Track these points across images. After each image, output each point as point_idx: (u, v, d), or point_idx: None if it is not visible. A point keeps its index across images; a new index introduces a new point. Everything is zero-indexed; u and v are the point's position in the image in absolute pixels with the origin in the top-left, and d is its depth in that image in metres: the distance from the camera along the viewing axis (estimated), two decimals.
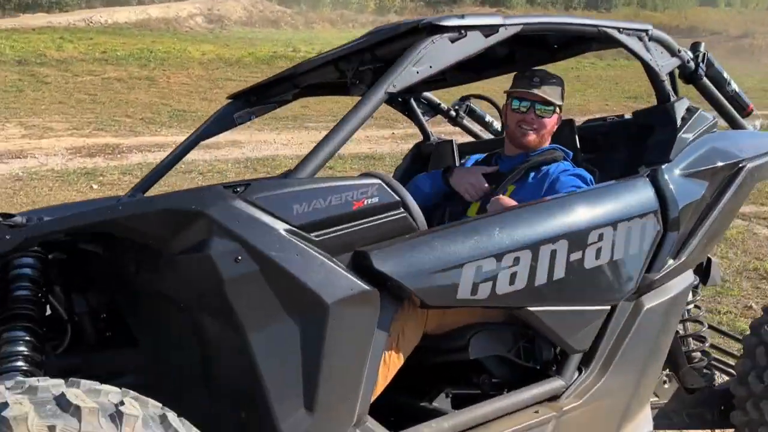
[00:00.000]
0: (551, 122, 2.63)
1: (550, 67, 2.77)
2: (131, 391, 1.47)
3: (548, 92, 2.56)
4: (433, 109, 3.59)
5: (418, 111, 3.50)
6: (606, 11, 42.98)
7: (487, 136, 3.70)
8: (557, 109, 2.62)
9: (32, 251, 1.85)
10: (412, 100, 3.49)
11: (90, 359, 1.90)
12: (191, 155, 9.85)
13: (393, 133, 12.17)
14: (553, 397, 2.15)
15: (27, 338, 1.71)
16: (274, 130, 12.20)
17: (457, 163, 3.18)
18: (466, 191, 2.62)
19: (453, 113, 3.60)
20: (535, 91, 2.54)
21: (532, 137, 2.61)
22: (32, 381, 1.39)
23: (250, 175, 9.41)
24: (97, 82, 17.54)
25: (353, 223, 1.79)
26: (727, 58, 31.99)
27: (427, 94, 3.53)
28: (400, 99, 3.48)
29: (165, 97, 16.05)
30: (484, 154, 2.97)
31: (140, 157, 10.44)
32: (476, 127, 3.75)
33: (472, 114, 3.65)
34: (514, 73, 2.78)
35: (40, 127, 12.41)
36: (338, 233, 1.77)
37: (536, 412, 2.11)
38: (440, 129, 4.27)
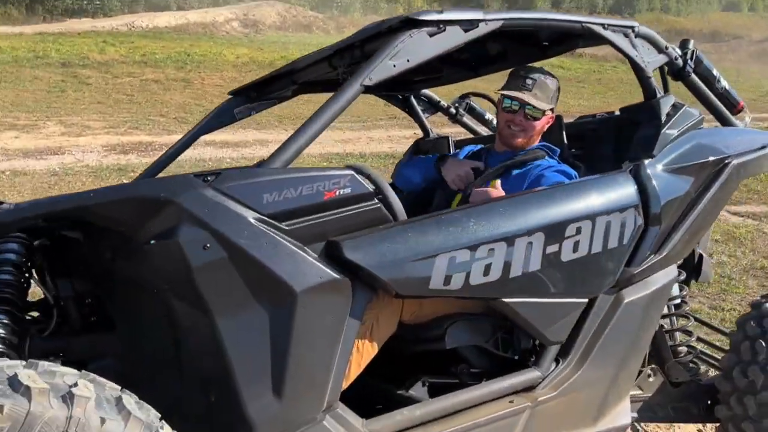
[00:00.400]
0: (540, 124, 2.57)
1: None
2: (90, 374, 1.47)
3: (538, 96, 2.50)
4: (433, 106, 3.57)
5: (418, 108, 3.49)
6: (630, 16, 42.27)
7: (486, 133, 3.65)
8: (548, 112, 2.56)
9: (16, 237, 1.84)
10: (413, 98, 3.46)
11: (73, 343, 1.90)
12: (218, 152, 9.97)
13: (414, 133, 11.99)
14: (529, 388, 2.12)
15: (4, 321, 1.70)
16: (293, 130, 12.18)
17: None
18: (452, 181, 2.60)
19: (453, 111, 3.57)
20: (526, 94, 2.48)
21: (519, 138, 2.57)
22: None
23: None
24: (135, 83, 17.73)
25: (325, 213, 1.78)
26: (749, 62, 31.49)
27: (426, 91, 3.50)
28: (400, 96, 3.46)
29: (198, 98, 16.16)
30: (478, 146, 2.94)
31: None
32: (478, 126, 3.71)
33: (471, 111, 3.62)
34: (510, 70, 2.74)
35: (79, 125, 12.57)
36: (309, 223, 1.76)
37: (511, 401, 2.08)
38: (452, 130, 4.19)
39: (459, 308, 2.19)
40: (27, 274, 1.91)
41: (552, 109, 2.57)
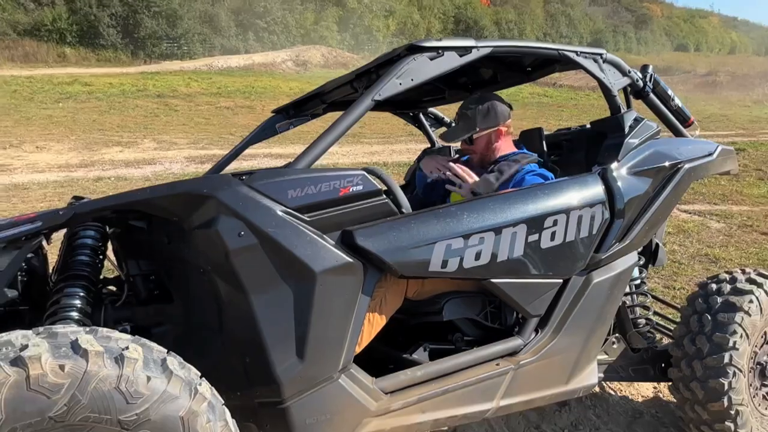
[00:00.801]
0: (482, 143, 2.44)
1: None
2: (141, 339, 1.43)
3: (461, 126, 2.46)
4: (438, 122, 3.46)
5: (426, 124, 3.37)
6: None
7: None
8: (481, 129, 2.39)
9: (93, 225, 1.83)
10: (421, 115, 3.36)
11: (138, 312, 1.85)
12: (269, 162, 9.91)
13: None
14: (513, 353, 2.02)
15: (81, 294, 1.68)
16: (337, 145, 12.18)
17: None
18: (429, 171, 2.52)
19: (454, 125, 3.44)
20: (457, 133, 2.47)
21: (476, 158, 2.51)
22: (57, 327, 1.35)
23: None
24: (211, 110, 17.96)
25: (340, 207, 1.71)
26: (695, 91, 31.02)
27: (433, 109, 3.38)
28: (411, 114, 3.37)
29: (260, 120, 15.91)
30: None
31: (236, 164, 10.50)
32: None
33: None
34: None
35: (168, 142, 12.72)
36: (327, 214, 1.69)
37: (497, 364, 1.99)
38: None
39: (454, 287, 2.10)
40: (101, 256, 1.86)
41: (481, 130, 2.41)
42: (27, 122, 14.31)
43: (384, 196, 1.79)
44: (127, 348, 1.30)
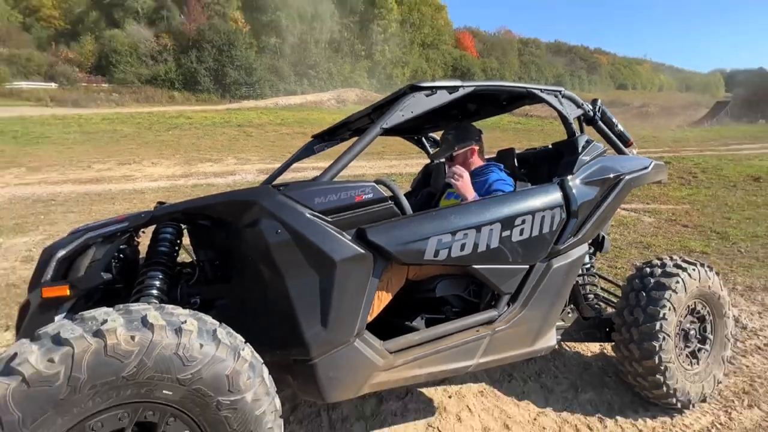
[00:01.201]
0: (459, 160, 2.30)
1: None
2: (198, 314, 1.34)
3: (443, 152, 2.33)
4: (436, 143, 3.29)
5: (427, 145, 3.22)
6: None
7: None
8: (454, 156, 2.29)
9: (171, 223, 1.75)
10: (423, 138, 3.20)
11: (205, 290, 1.76)
12: (315, 173, 9.94)
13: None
14: (489, 322, 1.89)
15: (160, 276, 1.61)
16: (364, 161, 12.09)
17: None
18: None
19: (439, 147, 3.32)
20: (436, 156, 2.42)
21: (451, 168, 2.26)
22: (133, 305, 1.26)
23: None
24: (276, 135, 17.94)
25: (355, 210, 1.62)
26: (633, 120, 30.25)
27: (432, 134, 3.21)
28: (416, 138, 3.22)
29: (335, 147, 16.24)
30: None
31: (292, 174, 10.51)
32: None
33: None
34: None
35: (244, 159, 12.72)
36: (345, 216, 1.60)
37: (477, 331, 1.86)
38: None
39: (445, 271, 1.98)
40: (178, 247, 1.79)
41: (459, 149, 2.29)
42: (146, 145, 14.50)
43: (390, 202, 1.69)
44: (185, 322, 1.23)
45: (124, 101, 29.50)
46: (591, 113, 2.30)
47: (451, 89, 1.84)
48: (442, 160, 2.30)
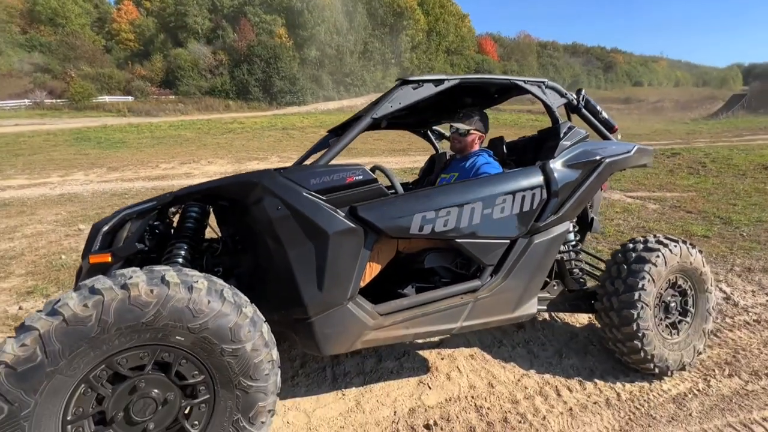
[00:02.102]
0: (469, 139, 2.23)
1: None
2: (210, 276, 1.41)
3: (464, 121, 2.21)
4: (440, 136, 3.25)
5: (432, 137, 3.18)
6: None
7: None
8: (470, 132, 2.21)
9: (197, 204, 1.82)
10: (429, 132, 3.17)
11: (225, 259, 1.85)
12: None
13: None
14: (473, 291, 1.88)
15: (185, 247, 1.70)
16: (390, 155, 12.09)
17: None
18: None
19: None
20: (456, 122, 2.23)
21: (458, 146, 2.27)
22: (156, 267, 1.33)
23: None
24: (316, 136, 18.01)
25: (347, 190, 1.64)
26: (648, 114, 28.53)
27: (436, 127, 3.17)
28: (422, 131, 3.19)
29: None
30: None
31: None
32: None
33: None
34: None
35: (287, 157, 12.95)
36: (339, 195, 1.63)
37: (461, 298, 1.85)
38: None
39: (433, 244, 1.98)
40: (204, 224, 1.86)
41: (474, 130, 2.22)
42: (204, 147, 15.06)
43: (378, 182, 1.69)
44: (196, 282, 1.30)
45: (188, 110, 30.67)
46: (575, 102, 2.22)
47: (437, 82, 1.83)
48: (458, 129, 2.23)
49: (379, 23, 49.38)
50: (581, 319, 2.68)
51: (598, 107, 2.29)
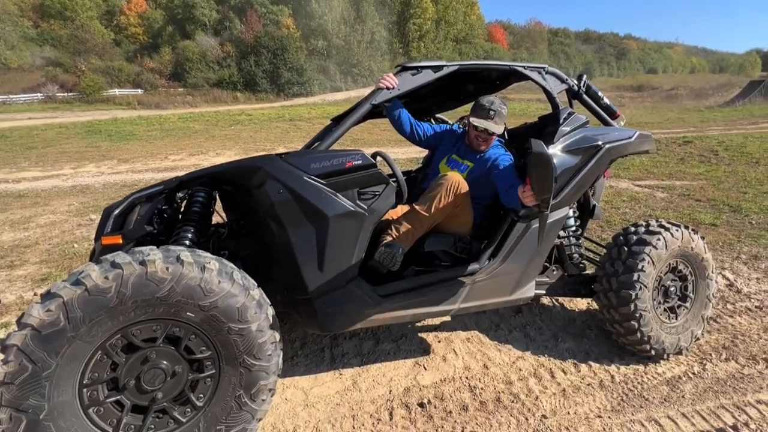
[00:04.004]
0: (495, 137, 2.12)
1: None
2: (221, 259, 1.45)
3: (497, 122, 2.03)
4: (444, 123, 3.25)
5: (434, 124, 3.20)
6: (588, 78, 38.62)
7: None
8: (503, 128, 2.10)
9: (203, 189, 1.84)
10: (431, 119, 3.18)
11: (230, 243, 1.91)
12: None
13: None
14: (472, 273, 1.92)
15: (192, 229, 1.74)
16: (395, 146, 12.05)
17: None
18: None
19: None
20: (489, 123, 2.01)
21: (483, 146, 2.11)
22: (171, 246, 1.40)
23: None
24: (322, 127, 18.00)
25: (347, 174, 1.68)
26: (662, 102, 27.92)
27: (439, 115, 3.18)
28: (425, 119, 3.19)
29: (352, 133, 16.22)
30: (460, 127, 2.42)
31: None
32: None
33: (464, 127, 3.27)
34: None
35: (293, 148, 12.88)
36: (339, 179, 1.67)
37: (459, 280, 1.89)
38: None
39: (435, 229, 2.00)
40: (210, 209, 1.90)
41: (504, 126, 2.13)
42: (212, 139, 15.17)
43: (377, 167, 1.73)
44: (209, 262, 1.36)
45: (197, 102, 30.84)
46: (576, 88, 2.23)
47: (436, 68, 1.86)
48: (487, 129, 2.04)
49: (386, 12, 48.81)
50: (579, 304, 2.72)
51: (600, 93, 2.30)
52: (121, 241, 1.61)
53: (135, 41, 42.42)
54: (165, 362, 1.32)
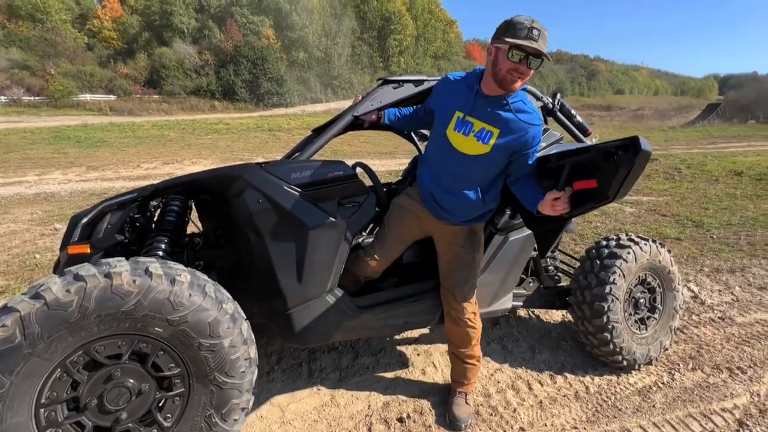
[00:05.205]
0: (533, 72, 1.49)
1: None
2: (195, 271, 1.40)
3: (542, 46, 1.42)
4: (423, 137, 3.29)
5: (415, 138, 3.22)
6: (562, 97, 40.17)
7: None
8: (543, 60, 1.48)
9: (178, 197, 1.80)
10: (412, 133, 3.21)
11: (205, 253, 1.85)
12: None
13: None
14: None
15: (165, 240, 1.68)
16: (376, 158, 12.13)
17: None
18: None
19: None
20: (534, 45, 1.40)
21: (518, 84, 1.49)
22: (140, 258, 1.34)
23: None
24: (301, 138, 17.91)
25: (328, 185, 1.67)
26: (629, 121, 29.23)
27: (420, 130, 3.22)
28: (405, 132, 3.22)
29: (333, 145, 16.22)
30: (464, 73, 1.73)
31: None
32: None
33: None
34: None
35: (271, 158, 12.80)
36: (320, 190, 1.65)
37: (437, 290, 1.88)
38: None
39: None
40: (185, 218, 1.85)
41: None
42: (188, 147, 14.84)
43: (358, 178, 1.73)
44: (180, 274, 1.31)
45: (172, 110, 30.17)
46: (550, 105, 2.30)
47: (417, 82, 1.88)
48: (523, 45, 1.42)
49: (367, 26, 49.62)
50: (555, 316, 2.77)
51: (573, 111, 2.38)
52: (88, 251, 1.53)
53: (109, 46, 41.34)
54: (130, 380, 1.25)
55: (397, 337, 2.43)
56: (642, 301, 2.25)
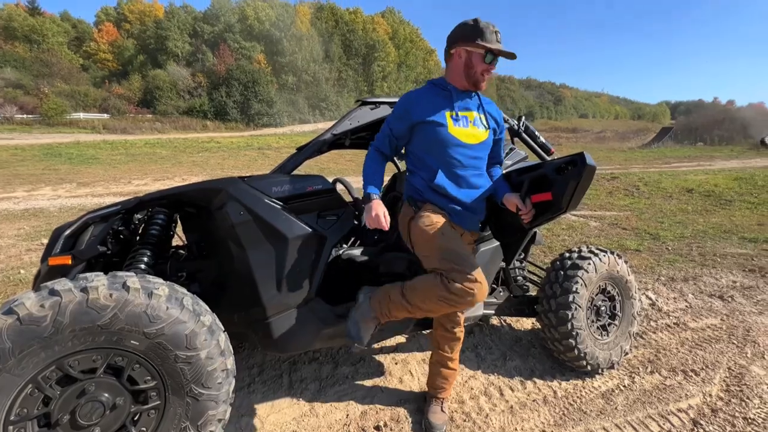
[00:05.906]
0: None
1: None
2: (174, 284, 1.35)
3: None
4: (401, 156, 3.30)
5: (394, 157, 3.24)
6: (531, 120, 41.24)
7: None
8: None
9: (162, 210, 1.75)
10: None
11: (189, 265, 1.80)
12: None
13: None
14: None
15: (148, 253, 1.63)
16: (359, 175, 12.14)
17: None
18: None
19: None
20: (503, 48, 1.51)
21: (485, 84, 1.62)
22: (119, 272, 1.29)
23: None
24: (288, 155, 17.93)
25: (307, 198, 1.66)
26: (592, 143, 30.21)
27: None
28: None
29: (319, 162, 16.25)
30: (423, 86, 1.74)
31: None
32: None
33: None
34: None
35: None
36: (299, 203, 1.64)
37: None
38: None
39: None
40: (169, 231, 1.80)
41: None
42: (179, 165, 14.63)
43: (337, 192, 1.73)
44: (157, 288, 1.27)
45: (165, 129, 29.75)
46: (516, 127, 2.36)
47: (392, 104, 1.91)
48: (494, 49, 1.53)
49: (353, 53, 50.49)
50: (525, 324, 2.78)
51: (537, 132, 2.45)
52: (70, 262, 1.46)
53: (104, 67, 40.76)
54: (105, 394, 1.19)
55: (376, 345, 2.40)
56: (603, 308, 2.29)
